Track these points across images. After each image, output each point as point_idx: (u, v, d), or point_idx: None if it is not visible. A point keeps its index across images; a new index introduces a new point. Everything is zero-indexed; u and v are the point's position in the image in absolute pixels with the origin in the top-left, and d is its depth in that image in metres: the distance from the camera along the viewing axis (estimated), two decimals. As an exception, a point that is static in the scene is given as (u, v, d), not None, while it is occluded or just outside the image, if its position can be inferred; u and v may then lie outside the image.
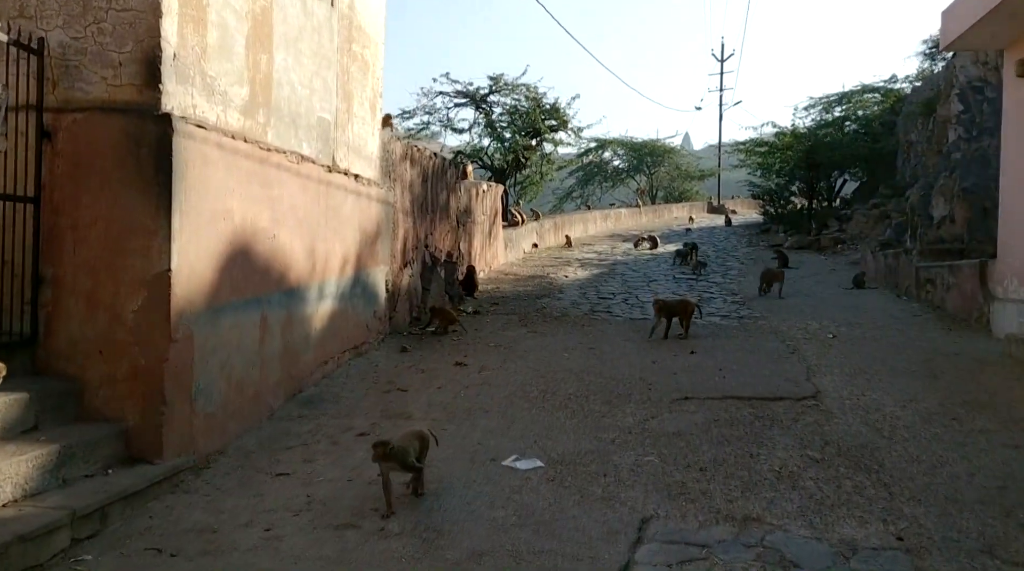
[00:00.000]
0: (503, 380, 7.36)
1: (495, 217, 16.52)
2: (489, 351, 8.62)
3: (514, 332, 9.78)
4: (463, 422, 6.06)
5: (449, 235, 12.34)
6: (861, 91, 31.44)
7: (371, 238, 8.42)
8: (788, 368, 7.97)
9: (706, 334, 9.75)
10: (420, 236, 10.59)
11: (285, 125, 6.34)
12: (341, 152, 7.60)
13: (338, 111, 7.52)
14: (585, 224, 27.60)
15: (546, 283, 14.59)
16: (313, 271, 6.83)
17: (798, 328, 10.17)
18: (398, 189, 9.55)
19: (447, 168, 12.08)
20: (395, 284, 9.40)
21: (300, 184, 6.53)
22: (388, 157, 9.17)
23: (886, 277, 14.02)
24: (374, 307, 8.55)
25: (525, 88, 24.73)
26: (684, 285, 14.66)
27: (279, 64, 6.22)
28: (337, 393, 6.73)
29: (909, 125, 24.50)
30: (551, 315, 11.09)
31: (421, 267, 10.55)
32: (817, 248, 21.55)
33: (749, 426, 6.10)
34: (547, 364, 8.01)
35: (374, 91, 8.61)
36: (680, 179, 46.78)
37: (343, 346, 7.64)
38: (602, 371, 7.74)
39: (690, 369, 7.88)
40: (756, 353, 8.67)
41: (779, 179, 27.78)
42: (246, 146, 5.54)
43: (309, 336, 6.79)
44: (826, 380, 7.46)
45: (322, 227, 7.02)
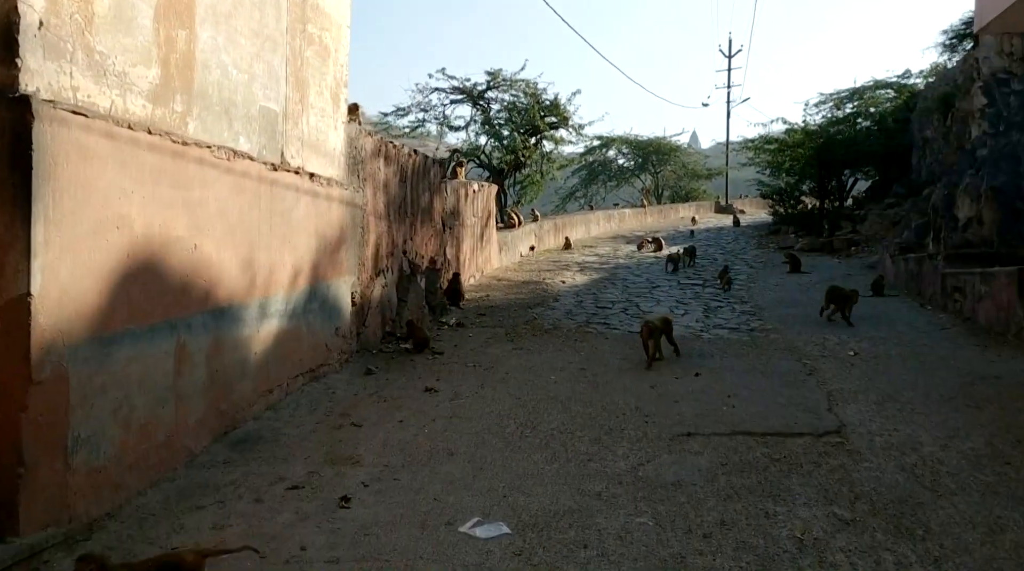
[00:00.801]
0: (477, 411, 6.36)
1: (488, 219, 15.52)
2: (466, 373, 7.62)
3: (498, 349, 8.77)
4: (421, 469, 5.06)
5: (433, 240, 11.35)
6: (873, 87, 30.37)
7: (332, 245, 7.44)
8: (806, 394, 6.96)
9: (713, 352, 8.74)
10: (397, 241, 9.61)
11: (214, 115, 5.36)
12: (292, 148, 6.62)
13: (288, 100, 6.54)
14: (587, 225, 26.59)
15: (540, 290, 13.59)
16: (252, 286, 5.85)
17: (814, 343, 9.16)
18: (369, 190, 8.57)
19: (430, 166, 11.09)
20: (364, 296, 8.41)
21: (233, 184, 5.54)
22: (356, 154, 8.19)
23: (907, 283, 12.98)
24: (336, 323, 7.57)
25: (524, 84, 23.81)
26: (689, 292, 13.64)
27: (205, 43, 5.24)
28: (279, 429, 5.74)
29: (924, 121, 23.44)
30: (542, 328, 10.09)
31: (398, 276, 9.56)
32: (830, 250, 20.51)
33: (763, 473, 5.09)
34: (530, 390, 7.01)
35: (336, 79, 7.63)
36: (687, 178, 45.75)
37: (294, 371, 6.66)
38: (592, 399, 6.74)
39: (694, 395, 6.88)
40: (769, 375, 7.65)
41: (789, 178, 26.72)
42: (152, 139, 4.56)
43: (247, 362, 5.81)
44: (850, 410, 6.44)
45: (265, 234, 6.04)
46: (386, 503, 4.51)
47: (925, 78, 27.95)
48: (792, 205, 26.39)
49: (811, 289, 13.70)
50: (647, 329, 7.95)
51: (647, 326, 8.00)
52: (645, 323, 8.10)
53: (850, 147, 24.32)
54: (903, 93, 28.33)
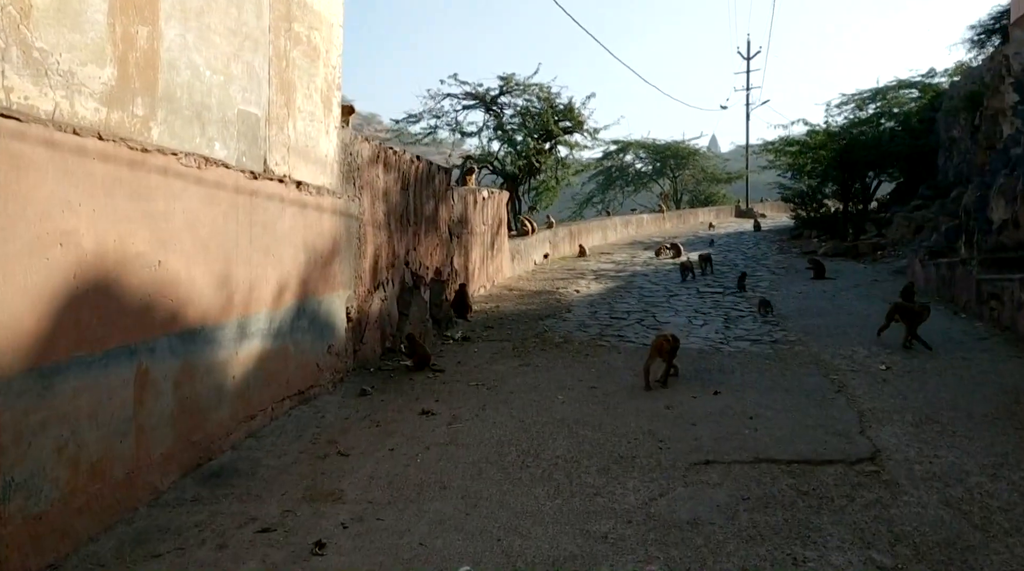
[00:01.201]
0: (476, 436, 5.86)
1: (499, 227, 15.05)
2: (468, 393, 7.13)
3: (504, 365, 8.27)
4: (408, 507, 4.57)
5: (438, 249, 10.88)
6: (897, 87, 29.66)
7: (324, 258, 6.99)
8: (835, 414, 6.40)
9: (733, 366, 8.19)
10: (398, 252, 9.15)
11: (184, 120, 4.92)
12: (277, 154, 6.17)
13: (271, 104, 6.10)
14: (604, 231, 26.06)
15: (553, 300, 13.07)
16: (229, 304, 5.40)
17: (843, 356, 8.57)
18: (366, 198, 8.11)
19: (435, 173, 10.63)
20: (361, 310, 7.95)
21: (205, 195, 5.10)
22: (351, 161, 7.74)
23: (939, 290, 12.32)
24: (328, 341, 7.11)
25: (538, 88, 23.34)
26: (709, 300, 13.07)
27: (172, 41, 4.80)
28: (258, 460, 5.28)
29: (951, 121, 22.72)
30: (552, 341, 9.57)
31: (399, 288, 9.10)
32: (854, 255, 19.85)
33: (790, 509, 4.55)
34: (535, 412, 6.50)
35: (328, 82, 7.19)
36: (706, 182, 45.07)
37: (280, 394, 6.20)
38: (602, 422, 6.22)
39: (713, 417, 6.34)
40: (794, 392, 7.10)
41: (811, 181, 26.04)
42: (104, 146, 4.11)
43: (223, 387, 5.35)
44: (885, 433, 5.87)
45: (244, 248, 5.59)
46: (365, 549, 4.02)
47: (950, 77, 27.20)
48: (814, 208, 25.71)
49: (837, 296, 13.10)
50: (667, 343, 7.40)
51: (667, 340, 7.44)
52: (660, 337, 7.52)
53: (874, 148, 23.63)
54: (928, 92, 27.61)
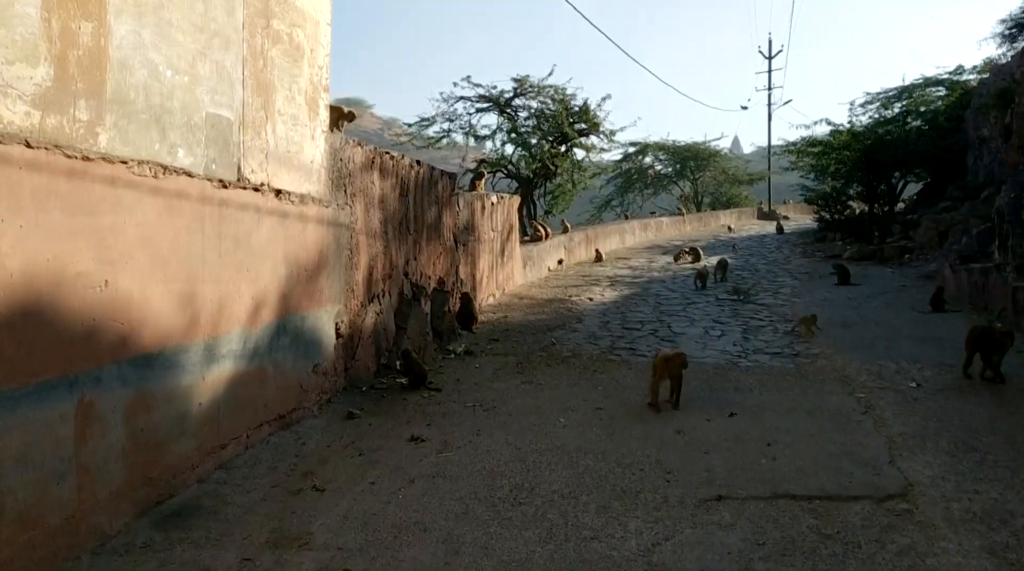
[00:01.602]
0: (466, 467, 5.37)
1: (509, 233, 14.56)
2: (463, 415, 6.64)
3: (505, 383, 7.77)
4: (381, 555, 4.08)
5: (442, 258, 10.41)
6: (923, 85, 28.86)
7: (309, 271, 6.53)
8: (862, 440, 5.84)
9: (751, 384, 7.63)
10: (396, 262, 8.68)
11: (140, 125, 4.48)
12: (253, 161, 5.73)
13: (246, 107, 5.65)
14: (622, 235, 25.50)
15: (564, 309, 12.55)
16: (194, 325, 4.95)
17: (869, 372, 8.00)
18: (359, 206, 7.66)
19: (437, 178, 10.17)
20: (353, 325, 7.49)
21: (164, 206, 4.65)
22: (341, 167, 7.29)
23: (971, 297, 11.68)
24: (314, 360, 6.65)
25: (552, 90, 22.86)
26: (727, 309, 12.49)
27: (124, 38, 4.36)
28: (224, 497, 4.82)
29: (980, 119, 21.92)
30: (559, 355, 9.06)
31: (397, 301, 8.63)
32: (880, 259, 19.18)
33: (811, 556, 4.03)
34: (534, 437, 6.00)
35: (314, 83, 6.74)
36: (727, 184, 44.31)
37: (257, 419, 5.74)
38: (606, 449, 5.71)
39: (727, 443, 5.80)
40: (817, 414, 6.54)
41: (835, 182, 25.33)
42: (33, 154, 3.68)
43: (187, 417, 4.90)
44: (918, 463, 5.32)
45: (212, 264, 5.14)
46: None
47: (979, 74, 26.39)
48: (839, 210, 25.01)
49: (863, 304, 12.48)
50: (674, 363, 6.80)
51: (662, 359, 6.81)
52: (661, 355, 6.87)
53: (900, 148, 22.90)
54: (956, 90, 26.80)
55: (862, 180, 24.15)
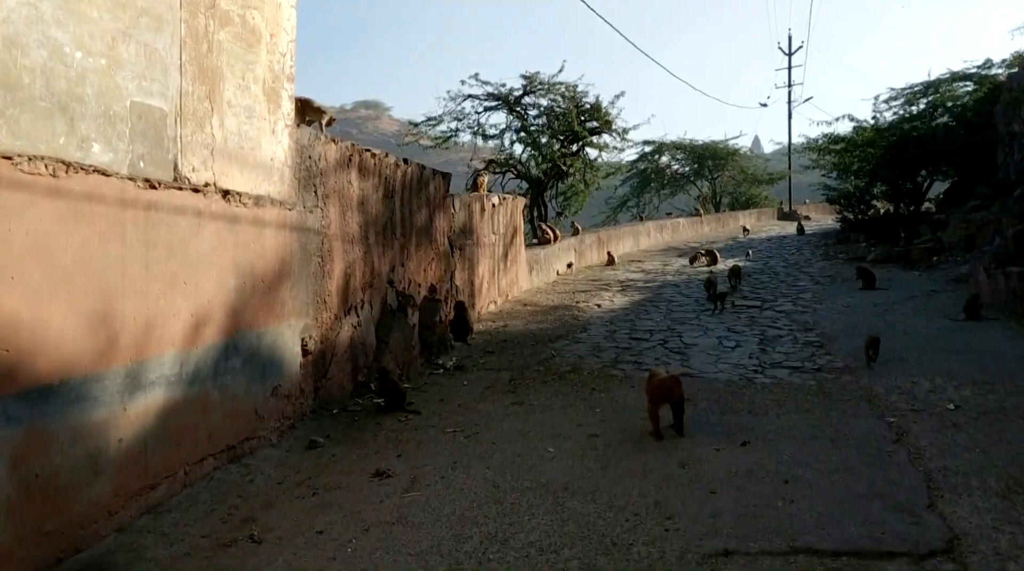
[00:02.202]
0: (434, 510, 4.63)
1: (513, 236, 13.82)
2: (440, 444, 5.89)
3: (493, 404, 7.03)
4: (308, 633, 3.35)
5: (434, 264, 9.69)
6: (950, 79, 27.68)
7: (267, 282, 5.83)
8: (895, 477, 5.04)
9: (767, 404, 6.84)
10: (379, 269, 7.97)
11: (37, 114, 3.79)
12: (195, 158, 5.03)
13: (185, 96, 4.96)
14: (636, 237, 24.69)
15: (569, 317, 11.79)
16: (110, 349, 4.25)
17: (900, 390, 7.18)
18: (333, 209, 6.96)
19: (428, 178, 9.45)
20: (325, 340, 6.78)
21: (68, 210, 3.96)
22: (310, 165, 6.59)
23: (1010, 304, 10.78)
24: (274, 381, 5.94)
25: (563, 87, 22.09)
26: (744, 317, 11.67)
27: (13, 11, 3.68)
28: (143, 551, 4.11)
29: (1011, 114, 20.89)
30: (556, 370, 8.30)
31: (379, 311, 7.91)
32: (907, 261, 18.21)
33: (838, 638, 3.24)
34: (516, 472, 5.25)
35: (274, 72, 6.04)
36: (747, 184, 43.24)
37: (198, 453, 5.04)
38: (598, 486, 4.94)
39: (738, 480, 5.02)
40: (842, 443, 5.74)
41: (858, 181, 24.35)
42: None
43: (102, 455, 4.21)
44: (964, 508, 4.51)
45: (135, 277, 4.44)
46: None
47: (1007, 68, 25.31)
48: (862, 210, 24.02)
49: (890, 311, 11.60)
50: (653, 386, 5.96)
51: (655, 382, 5.97)
52: (654, 378, 6.03)
53: (927, 144, 21.89)
54: (984, 84, 25.70)
55: (887, 178, 23.16)
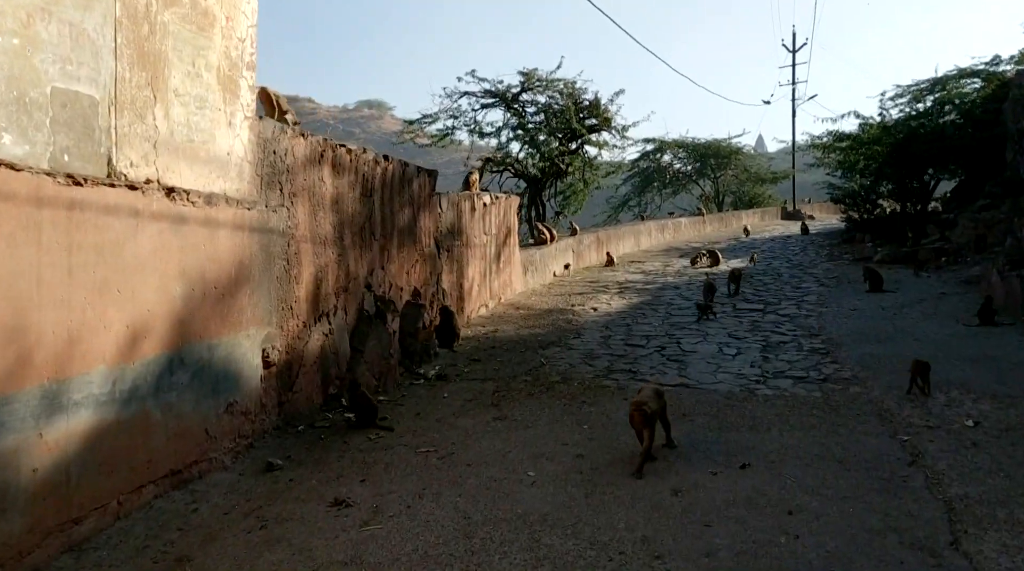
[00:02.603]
0: (393, 548, 4.11)
1: (507, 237, 13.30)
2: (410, 467, 5.37)
3: (473, 419, 6.51)
4: None
5: (419, 266, 9.18)
6: (958, 76, 27.09)
7: (221, 288, 5.32)
8: (912, 507, 4.52)
9: (770, 420, 6.31)
10: (356, 272, 7.47)
11: (-72, 99, 3.29)
12: (134, 152, 4.53)
13: (122, 83, 4.45)
14: (637, 237, 24.17)
15: (563, 321, 11.27)
16: (22, 367, 3.75)
17: (913, 403, 6.67)
18: (301, 208, 6.46)
19: (411, 176, 8.94)
20: (292, 350, 6.28)
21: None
22: (275, 161, 6.09)
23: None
24: (229, 397, 5.43)
25: (561, 83, 21.53)
26: (746, 321, 11.14)
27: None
28: (53, 598, 3.60)
29: (1020, 111, 20.30)
30: (545, 380, 7.78)
31: (355, 318, 7.41)
32: (914, 262, 17.64)
33: None
34: (491, 500, 4.73)
35: (230, 59, 5.53)
36: (750, 183, 42.66)
37: (136, 480, 4.53)
38: (579, 519, 4.42)
39: (736, 510, 4.50)
40: (851, 465, 5.22)
41: (863, 179, 23.80)
42: None
43: (11, 490, 3.70)
44: (991, 546, 3.99)
45: (56, 284, 3.94)
46: None
47: (1016, 64, 24.74)
48: (868, 210, 23.47)
49: (899, 315, 11.07)
50: (640, 415, 5.20)
51: (639, 411, 5.21)
52: (638, 404, 5.27)
53: (935, 142, 21.32)
54: (992, 81, 25.12)
55: (893, 177, 22.62)
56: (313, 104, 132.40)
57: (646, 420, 5.16)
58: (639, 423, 5.17)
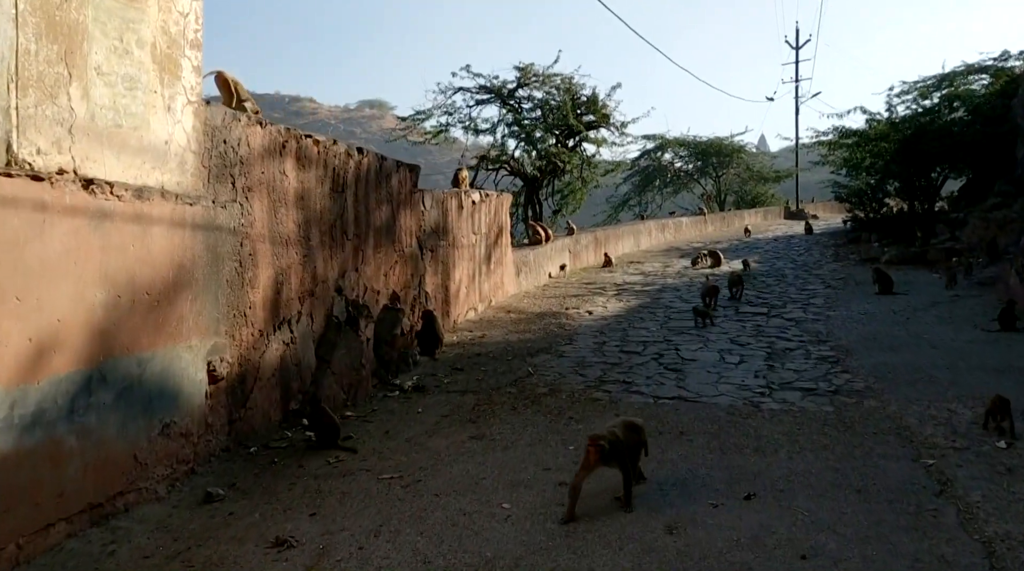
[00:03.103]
0: (335, 602, 3.48)
1: (498, 236, 12.66)
2: (369, 496, 4.73)
3: (447, 438, 5.87)
4: None
5: (398, 268, 8.55)
6: (965, 72, 26.42)
7: (155, 294, 4.69)
8: (944, 549, 3.88)
9: (777, 439, 5.67)
10: (324, 275, 6.84)
11: None
12: (43, 137, 3.91)
13: (24, 56, 3.83)
14: (636, 237, 23.54)
15: (556, 326, 10.63)
16: None
17: (936, 420, 6.02)
18: (258, 204, 5.83)
19: (389, 171, 8.31)
20: (246, 362, 5.65)
21: None
22: (225, 151, 5.46)
23: (1049, 312, 9.59)
24: (165, 418, 4.80)
25: (559, 78, 20.90)
26: (749, 326, 10.51)
27: None
28: None
29: (1030, 107, 19.70)
30: (531, 392, 7.15)
31: (323, 325, 6.78)
32: (924, 262, 17.07)
33: None
34: (457, 539, 4.09)
35: (168, 34, 4.90)
36: (752, 182, 41.97)
37: (41, 519, 3.89)
38: (556, 566, 3.78)
39: (740, 554, 3.86)
40: (871, 496, 4.57)
41: (870, 177, 23.14)
42: None
43: None
44: (1044, 602, 3.34)
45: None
46: None
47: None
48: (874, 209, 22.82)
49: (912, 319, 10.42)
50: (596, 452, 4.27)
51: (597, 448, 4.27)
52: (593, 441, 4.32)
53: (944, 138, 20.66)
54: (1001, 77, 24.45)
55: (900, 175, 21.97)
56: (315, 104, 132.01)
57: (604, 458, 4.28)
58: (594, 462, 4.28)
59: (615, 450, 4.32)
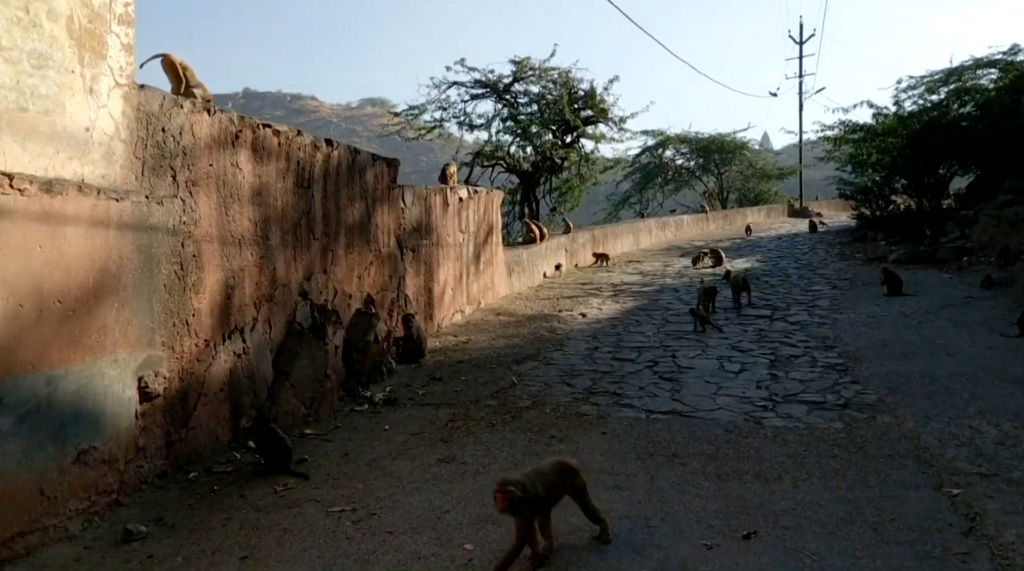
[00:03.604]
0: None
1: (488, 235, 12.07)
2: (314, 534, 4.14)
3: (412, 461, 5.26)
4: None
5: (374, 269, 7.97)
6: (974, 66, 25.76)
7: (72, 302, 4.11)
8: (980, 606, 3.27)
9: (781, 463, 5.07)
10: (286, 278, 6.26)
11: None
12: (-85, 121, 3.31)
13: None
14: (636, 235, 22.96)
15: (546, 330, 10.03)
16: None
17: (958, 440, 5.41)
18: (205, 201, 5.25)
19: (364, 165, 7.73)
20: (188, 376, 5.06)
21: None
22: (164, 141, 4.88)
23: (1072, 316, 8.97)
24: (84, 443, 4.21)
25: (555, 72, 20.29)
26: (751, 331, 9.89)
27: None
28: None
29: (1041, 102, 19.08)
30: (513, 406, 6.55)
31: (283, 333, 6.19)
32: (934, 262, 16.43)
33: None
34: (405, 591, 3.51)
35: (89, 6, 4.32)
36: (755, 179, 41.35)
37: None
38: (520, 626, 3.20)
39: (738, 612, 3.26)
40: (889, 535, 3.97)
41: (876, 174, 22.50)
42: None
43: None
44: None
45: None
46: None
47: (1034, 54, 23.46)
48: (881, 206, 22.17)
49: (924, 324, 9.80)
50: (504, 499, 3.56)
51: (504, 494, 3.56)
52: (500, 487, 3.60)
53: (954, 133, 20.01)
54: (1010, 71, 23.79)
55: (907, 171, 21.32)
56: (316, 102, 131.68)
57: (513, 507, 3.55)
58: (501, 510, 3.60)
59: (522, 504, 3.57)
